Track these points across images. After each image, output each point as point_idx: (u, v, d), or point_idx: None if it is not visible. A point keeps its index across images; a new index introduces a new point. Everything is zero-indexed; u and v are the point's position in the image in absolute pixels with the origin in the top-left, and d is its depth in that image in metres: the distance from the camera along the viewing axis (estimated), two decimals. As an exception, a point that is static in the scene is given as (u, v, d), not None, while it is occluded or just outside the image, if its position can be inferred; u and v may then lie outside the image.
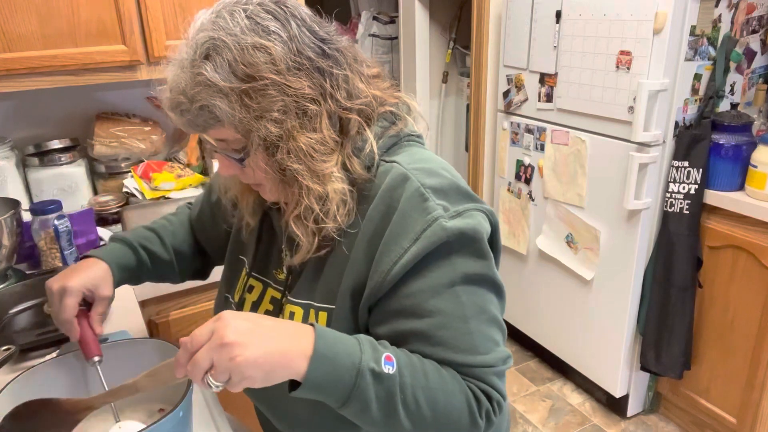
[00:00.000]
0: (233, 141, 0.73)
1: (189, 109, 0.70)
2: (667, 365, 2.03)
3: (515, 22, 2.32)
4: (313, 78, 0.71)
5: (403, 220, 0.71)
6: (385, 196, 0.74)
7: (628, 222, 1.99)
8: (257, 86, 0.68)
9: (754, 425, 1.89)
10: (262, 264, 0.90)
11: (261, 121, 0.69)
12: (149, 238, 1.02)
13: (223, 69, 0.67)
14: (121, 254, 0.97)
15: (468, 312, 0.71)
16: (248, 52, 0.67)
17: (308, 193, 0.73)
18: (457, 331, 0.71)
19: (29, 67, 1.42)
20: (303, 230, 0.75)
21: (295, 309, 0.81)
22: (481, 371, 0.72)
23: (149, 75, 1.57)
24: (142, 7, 1.50)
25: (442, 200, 0.72)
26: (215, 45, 0.68)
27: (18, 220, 1.35)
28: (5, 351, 1.01)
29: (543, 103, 2.26)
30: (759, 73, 1.99)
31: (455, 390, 0.70)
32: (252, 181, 0.79)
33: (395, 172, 0.74)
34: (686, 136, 1.87)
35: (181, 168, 1.81)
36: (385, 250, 0.71)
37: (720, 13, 1.82)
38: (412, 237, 0.70)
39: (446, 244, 0.70)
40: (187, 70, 0.69)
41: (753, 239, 1.80)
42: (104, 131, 1.74)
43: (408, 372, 0.67)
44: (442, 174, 0.75)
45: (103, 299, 0.89)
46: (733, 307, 1.91)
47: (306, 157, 0.71)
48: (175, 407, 0.73)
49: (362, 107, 0.76)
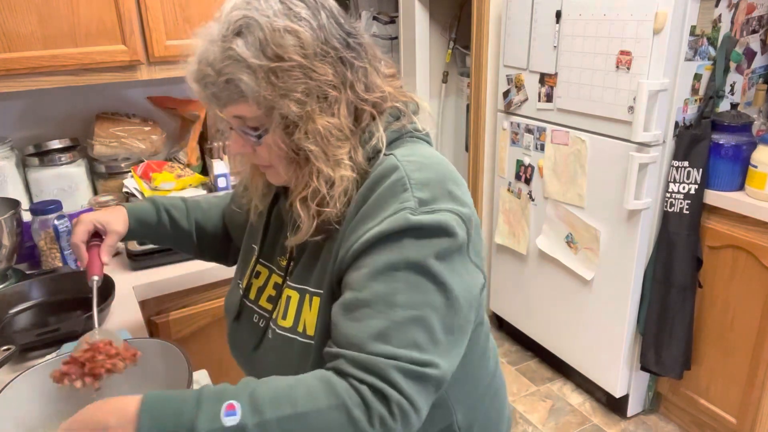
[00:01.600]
0: (251, 118, 0.75)
1: (215, 82, 0.72)
2: (667, 365, 2.03)
3: (515, 22, 2.32)
4: (336, 66, 0.74)
5: (377, 203, 0.73)
6: (371, 183, 0.75)
7: (628, 222, 1.99)
8: (284, 66, 0.70)
9: (754, 425, 1.89)
10: (269, 251, 0.93)
11: (284, 100, 0.71)
12: (177, 205, 1.10)
13: (254, 46, 0.70)
14: (143, 208, 1.06)
15: (398, 300, 0.68)
16: (279, 34, 0.70)
17: (318, 175, 0.75)
18: (378, 313, 0.67)
19: (29, 67, 1.42)
20: (305, 213, 0.77)
21: (291, 293, 0.84)
22: (382, 362, 0.65)
23: (149, 75, 1.57)
24: (142, 7, 1.50)
25: (421, 194, 0.72)
26: (248, 23, 0.71)
27: (18, 220, 1.35)
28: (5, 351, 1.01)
29: (543, 103, 2.26)
30: (759, 73, 1.99)
31: (330, 406, 0.63)
32: (263, 162, 0.81)
33: (388, 163, 0.76)
34: (686, 136, 1.87)
35: (181, 168, 1.81)
36: (354, 228, 0.74)
37: (720, 13, 1.82)
38: (378, 220, 0.71)
39: (404, 230, 0.70)
40: (217, 44, 0.72)
41: (753, 239, 1.80)
42: (104, 131, 1.74)
43: (269, 408, 0.63)
44: (434, 170, 0.76)
45: (113, 233, 0.99)
46: (733, 307, 1.91)
47: (322, 140, 0.74)
48: (175, 407, 0.73)
49: (376, 101, 0.78)
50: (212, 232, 1.12)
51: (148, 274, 1.44)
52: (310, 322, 0.80)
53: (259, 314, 0.91)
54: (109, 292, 1.24)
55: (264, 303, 0.91)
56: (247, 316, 0.93)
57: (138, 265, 1.47)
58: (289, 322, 0.83)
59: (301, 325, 0.81)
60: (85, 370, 0.82)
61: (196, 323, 1.50)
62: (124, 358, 0.85)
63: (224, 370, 1.57)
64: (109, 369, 0.83)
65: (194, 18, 1.57)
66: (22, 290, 1.26)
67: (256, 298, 0.93)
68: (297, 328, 0.82)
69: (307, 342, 0.80)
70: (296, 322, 0.82)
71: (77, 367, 0.83)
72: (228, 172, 1.76)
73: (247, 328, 0.92)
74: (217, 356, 1.54)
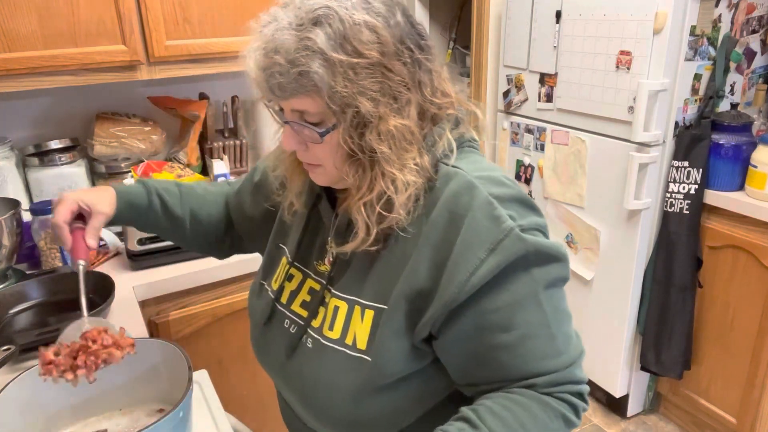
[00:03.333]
0: (314, 113, 0.71)
1: (285, 72, 0.67)
2: (667, 365, 2.03)
3: (515, 22, 2.32)
4: (409, 67, 0.71)
5: (475, 229, 0.70)
6: (449, 202, 0.72)
7: (628, 222, 1.99)
8: (363, 63, 0.67)
9: (754, 425, 1.89)
10: (304, 254, 0.89)
11: (360, 98, 0.68)
12: (170, 190, 1.03)
13: (333, 39, 0.66)
14: (134, 190, 0.99)
15: (550, 317, 0.73)
16: (359, 28, 0.67)
17: (386, 178, 0.72)
18: (542, 338, 0.72)
19: (29, 67, 1.42)
20: (365, 218, 0.74)
21: (339, 303, 0.81)
22: (567, 372, 0.74)
23: (149, 75, 1.57)
24: (142, 7, 1.50)
25: (511, 211, 0.72)
26: (327, 13, 0.67)
27: (18, 220, 1.35)
28: (5, 351, 1.01)
29: (543, 103, 2.26)
30: (759, 73, 1.99)
31: (552, 417, 0.72)
32: (313, 160, 0.77)
33: (460, 179, 0.73)
34: (686, 136, 1.87)
35: (181, 168, 1.81)
36: (459, 260, 0.70)
37: (720, 13, 1.82)
38: (488, 247, 0.69)
39: (525, 258, 0.70)
40: (290, 32, 0.67)
41: (753, 239, 1.80)
42: (104, 131, 1.74)
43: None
44: (507, 183, 0.75)
45: (99, 214, 0.92)
46: (733, 307, 1.91)
47: (394, 141, 0.71)
48: (175, 407, 0.73)
49: (442, 105, 0.76)
50: (207, 221, 1.06)
51: (148, 274, 1.44)
52: (361, 335, 0.78)
53: (290, 319, 0.88)
54: (109, 292, 1.24)
55: (297, 308, 0.88)
56: (278, 320, 0.90)
57: (138, 265, 1.47)
58: (336, 333, 0.80)
59: (349, 338, 0.79)
60: (78, 361, 0.76)
61: (196, 323, 1.50)
62: (121, 347, 0.79)
63: (224, 370, 1.57)
64: (105, 359, 0.77)
65: (194, 18, 1.57)
66: (22, 290, 1.26)
67: (288, 303, 0.89)
68: (345, 340, 0.79)
69: (357, 356, 0.77)
70: (344, 333, 0.79)
71: (68, 358, 0.76)
72: (228, 172, 1.76)
73: (278, 334, 0.89)
74: (217, 356, 1.54)
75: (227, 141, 1.91)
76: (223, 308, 1.52)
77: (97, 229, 0.91)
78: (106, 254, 1.55)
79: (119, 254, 1.57)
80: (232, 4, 1.60)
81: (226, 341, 1.55)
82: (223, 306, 1.52)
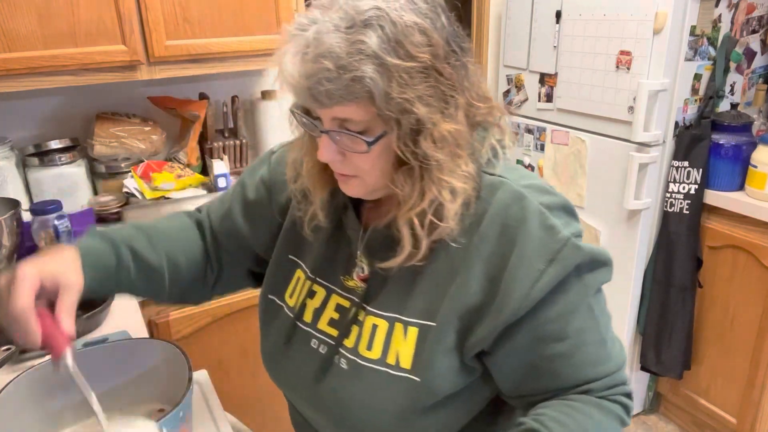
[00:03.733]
0: (358, 122, 0.66)
1: (335, 78, 0.62)
2: (667, 365, 2.03)
3: (515, 22, 2.32)
4: (457, 70, 0.68)
5: (531, 240, 0.68)
6: (499, 214, 0.70)
7: (628, 222, 1.99)
8: (417, 67, 0.63)
9: (754, 425, 1.89)
10: (327, 268, 0.83)
11: (417, 104, 0.64)
12: (135, 236, 0.84)
13: (387, 42, 0.62)
14: (97, 247, 0.79)
15: (600, 322, 0.73)
16: (410, 30, 0.63)
17: (438, 186, 0.68)
18: (594, 344, 0.73)
19: (29, 67, 1.42)
20: (416, 230, 0.70)
21: (378, 322, 0.76)
22: (618, 375, 0.75)
23: (149, 75, 1.57)
24: (142, 7, 1.50)
25: (559, 219, 0.70)
26: (379, 15, 0.62)
27: (18, 220, 1.35)
28: (5, 351, 1.01)
29: (543, 103, 2.26)
30: (759, 73, 1.99)
31: (611, 420, 0.73)
32: (350, 171, 0.72)
33: (507, 189, 0.71)
34: (686, 136, 1.87)
35: (181, 168, 1.81)
36: (517, 273, 0.68)
37: (720, 13, 1.82)
38: (547, 258, 0.68)
39: (579, 266, 0.69)
40: (339, 34, 0.61)
41: (753, 239, 1.80)
42: (104, 131, 1.74)
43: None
44: (552, 192, 0.74)
45: (69, 288, 0.70)
46: (733, 307, 1.91)
47: (449, 146, 0.67)
48: (175, 407, 0.73)
49: (484, 110, 0.73)
50: (185, 264, 0.88)
51: (148, 274, 1.44)
52: (404, 353, 0.74)
53: (319, 339, 0.82)
54: (109, 292, 1.24)
55: (325, 327, 0.82)
56: (302, 340, 0.83)
57: (138, 265, 1.46)
58: (376, 353, 0.76)
59: (391, 357, 0.75)
60: None
61: (196, 323, 1.50)
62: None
63: (224, 370, 1.57)
64: None
65: (194, 18, 1.57)
66: (22, 290, 1.26)
67: (313, 321, 0.83)
68: (386, 360, 0.75)
69: (403, 375, 0.74)
70: (385, 352, 0.75)
71: None
72: (227, 172, 1.76)
73: (303, 355, 0.83)
74: (217, 356, 1.54)
75: (227, 141, 1.91)
76: (223, 308, 1.52)
77: (72, 307, 0.71)
78: (106, 254, 1.55)
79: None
80: (232, 4, 1.60)
81: (226, 341, 1.55)
82: (223, 306, 1.52)
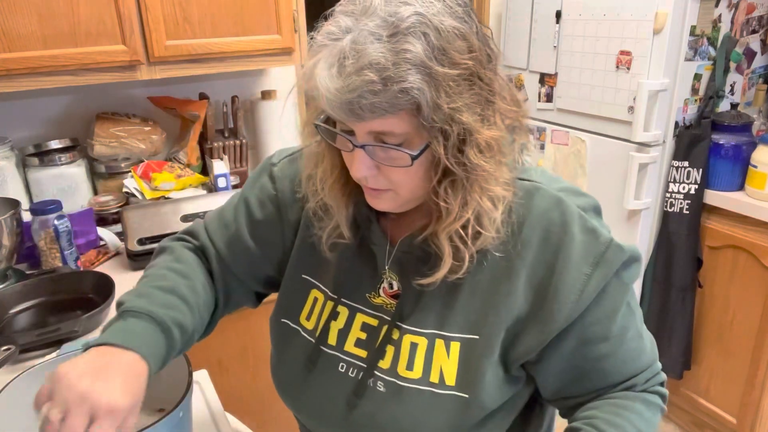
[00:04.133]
0: (398, 134, 0.62)
1: (381, 91, 0.58)
2: (667, 365, 2.03)
3: (515, 21, 2.32)
4: (494, 74, 0.66)
5: (574, 244, 0.68)
6: (540, 220, 0.69)
7: (628, 222, 1.99)
8: (462, 74, 0.61)
9: (754, 425, 1.89)
10: (349, 286, 0.80)
11: (464, 113, 0.61)
12: (176, 306, 0.77)
13: (431, 50, 0.59)
14: (154, 342, 0.72)
15: (636, 316, 0.74)
16: (452, 36, 0.60)
17: (481, 195, 0.65)
18: (634, 339, 0.74)
19: (29, 67, 1.42)
20: (458, 242, 0.67)
21: (418, 340, 0.73)
22: (655, 365, 0.77)
23: (149, 75, 1.57)
24: (142, 7, 1.50)
25: (594, 221, 0.70)
26: (422, 21, 0.58)
27: (18, 220, 1.35)
28: (5, 351, 1.01)
29: (543, 103, 2.26)
30: (759, 73, 1.99)
31: (655, 412, 0.75)
32: (384, 185, 0.68)
33: (544, 194, 0.70)
34: (686, 136, 1.87)
35: (181, 168, 1.81)
36: (564, 280, 0.67)
37: (720, 13, 1.82)
38: (592, 261, 0.67)
39: (619, 264, 0.68)
40: (381, 44, 0.58)
41: (753, 239, 1.80)
42: (104, 131, 1.74)
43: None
44: (584, 194, 0.74)
45: (112, 413, 0.61)
46: (733, 307, 1.91)
47: (494, 154, 0.65)
48: (175, 407, 0.73)
49: (515, 115, 0.70)
50: (207, 311, 0.86)
51: (148, 274, 1.44)
52: (448, 371, 0.71)
53: (347, 363, 0.78)
54: (109, 292, 1.24)
55: (352, 349, 0.78)
56: (328, 365, 0.79)
57: (138, 265, 1.46)
58: (417, 372, 0.73)
59: (434, 375, 0.72)
60: None
61: (196, 323, 1.49)
62: None
63: (224, 370, 1.57)
64: None
65: (194, 18, 1.57)
66: (22, 290, 1.26)
67: (339, 344, 0.79)
68: (429, 379, 0.72)
69: (449, 393, 0.71)
70: (426, 371, 0.72)
71: None
72: (227, 172, 1.76)
73: (332, 381, 0.78)
74: (217, 356, 1.54)
75: (227, 141, 1.91)
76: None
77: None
78: (106, 254, 1.55)
79: (119, 254, 1.57)
80: (232, 4, 1.60)
81: (226, 341, 1.55)
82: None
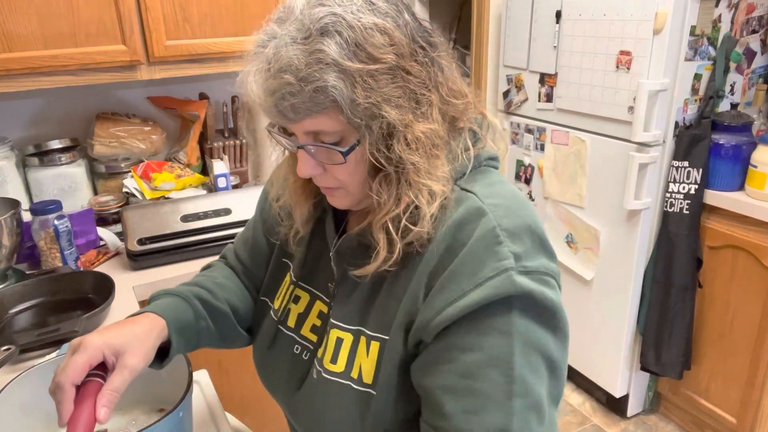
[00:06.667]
0: (331, 132, 0.65)
1: (297, 91, 0.61)
2: (667, 365, 2.03)
3: (515, 22, 2.32)
4: (426, 66, 0.66)
5: (470, 259, 0.64)
6: (454, 228, 0.66)
7: (628, 222, 1.99)
8: (381, 68, 0.62)
9: (754, 425, 1.89)
10: (309, 272, 0.82)
11: (385, 107, 0.62)
12: (196, 290, 0.86)
13: (346, 48, 0.60)
14: (175, 306, 0.79)
15: (516, 389, 0.62)
16: (370, 32, 0.61)
17: (414, 189, 0.65)
18: (496, 407, 0.62)
19: (29, 67, 1.42)
20: (391, 234, 0.67)
21: (344, 335, 0.74)
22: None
23: (149, 75, 1.57)
24: (142, 7, 1.50)
25: (516, 247, 0.64)
26: (335, 21, 0.61)
27: (18, 220, 1.35)
28: (5, 351, 1.01)
29: (543, 103, 2.26)
30: (759, 73, 1.99)
31: None
32: (332, 183, 0.70)
33: (471, 205, 0.67)
34: (686, 136, 1.87)
35: (181, 168, 1.81)
36: (443, 288, 0.65)
37: (720, 13, 1.82)
38: (476, 281, 0.62)
39: (508, 299, 0.62)
40: (297, 46, 0.60)
41: (753, 239, 1.80)
42: (104, 131, 1.74)
43: None
44: (521, 214, 0.67)
45: (125, 369, 0.68)
46: (733, 307, 1.91)
47: (425, 147, 0.65)
48: (175, 407, 0.73)
49: (459, 106, 0.70)
50: (243, 308, 0.91)
51: (148, 274, 1.44)
52: (366, 369, 0.71)
53: (301, 345, 0.81)
54: (109, 292, 1.24)
55: (307, 333, 0.80)
56: (285, 345, 0.82)
57: (138, 265, 1.47)
58: (340, 366, 0.73)
59: (355, 371, 0.72)
60: None
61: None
62: None
63: (224, 370, 1.57)
64: None
65: (194, 18, 1.57)
66: (22, 290, 1.26)
67: (296, 327, 0.82)
68: (350, 374, 0.72)
69: (364, 390, 0.71)
70: (349, 367, 0.73)
71: None
72: (227, 172, 1.76)
73: (286, 360, 0.82)
74: (217, 356, 1.54)
75: (227, 141, 1.91)
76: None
77: (119, 390, 0.67)
78: (106, 254, 1.55)
79: (119, 254, 1.57)
80: (232, 4, 1.60)
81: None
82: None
